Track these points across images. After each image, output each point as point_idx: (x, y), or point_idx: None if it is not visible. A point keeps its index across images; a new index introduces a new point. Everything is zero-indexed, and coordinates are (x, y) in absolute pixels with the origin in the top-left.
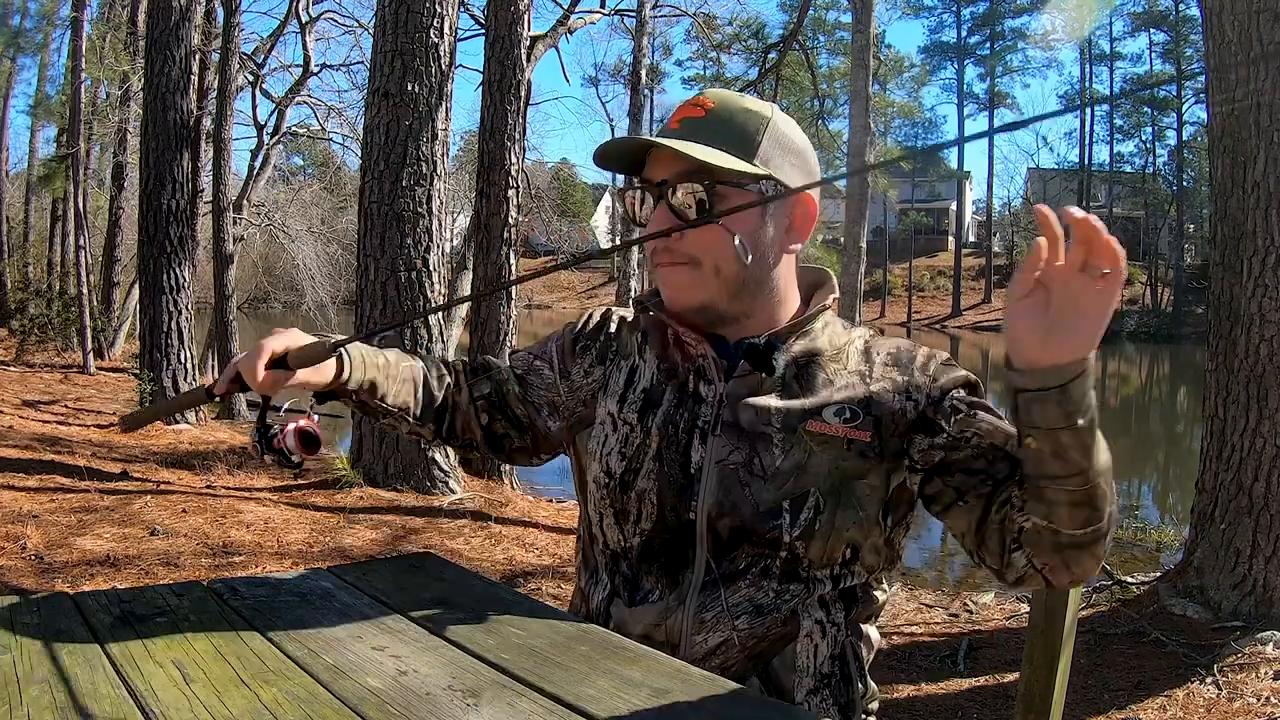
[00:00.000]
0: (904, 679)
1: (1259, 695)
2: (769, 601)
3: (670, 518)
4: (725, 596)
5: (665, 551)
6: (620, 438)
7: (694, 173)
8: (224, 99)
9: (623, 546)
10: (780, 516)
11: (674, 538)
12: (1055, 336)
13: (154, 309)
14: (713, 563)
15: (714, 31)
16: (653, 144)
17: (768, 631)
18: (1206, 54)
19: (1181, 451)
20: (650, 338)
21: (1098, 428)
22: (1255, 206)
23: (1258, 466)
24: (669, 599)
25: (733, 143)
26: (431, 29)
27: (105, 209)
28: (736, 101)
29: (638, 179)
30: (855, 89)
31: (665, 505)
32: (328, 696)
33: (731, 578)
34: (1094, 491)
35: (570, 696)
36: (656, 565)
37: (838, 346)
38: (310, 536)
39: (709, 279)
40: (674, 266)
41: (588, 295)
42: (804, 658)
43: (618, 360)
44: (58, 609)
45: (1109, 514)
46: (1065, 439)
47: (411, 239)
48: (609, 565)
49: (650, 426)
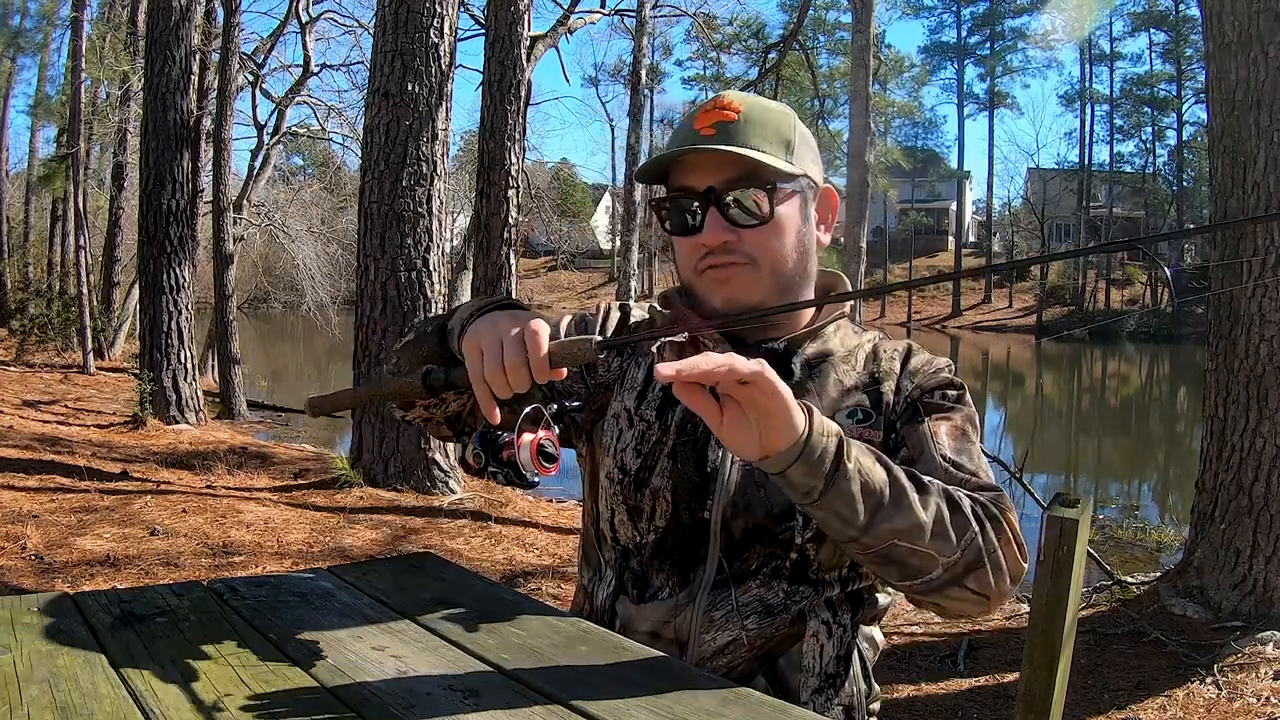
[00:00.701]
0: (904, 679)
1: (1259, 695)
2: (779, 602)
3: (685, 516)
4: (735, 596)
5: (678, 549)
6: (636, 434)
7: (745, 176)
8: (224, 99)
9: (636, 543)
10: (794, 518)
11: (687, 536)
12: (762, 434)
13: (154, 309)
14: (725, 562)
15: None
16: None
17: (776, 631)
18: (1206, 54)
19: (1181, 451)
20: None
21: (867, 496)
22: (1255, 207)
23: (1258, 466)
24: (679, 596)
25: (774, 143)
26: (431, 29)
27: (105, 209)
28: (761, 102)
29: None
30: (855, 89)
31: (680, 503)
32: (328, 696)
33: (742, 577)
34: (891, 553)
35: (570, 696)
36: (668, 563)
37: (849, 349)
38: (310, 536)
39: (765, 279)
40: (732, 267)
41: (587, 295)
42: (810, 658)
43: (635, 357)
44: (58, 609)
45: (936, 573)
46: (815, 513)
47: (411, 239)
48: (618, 562)
49: (669, 424)
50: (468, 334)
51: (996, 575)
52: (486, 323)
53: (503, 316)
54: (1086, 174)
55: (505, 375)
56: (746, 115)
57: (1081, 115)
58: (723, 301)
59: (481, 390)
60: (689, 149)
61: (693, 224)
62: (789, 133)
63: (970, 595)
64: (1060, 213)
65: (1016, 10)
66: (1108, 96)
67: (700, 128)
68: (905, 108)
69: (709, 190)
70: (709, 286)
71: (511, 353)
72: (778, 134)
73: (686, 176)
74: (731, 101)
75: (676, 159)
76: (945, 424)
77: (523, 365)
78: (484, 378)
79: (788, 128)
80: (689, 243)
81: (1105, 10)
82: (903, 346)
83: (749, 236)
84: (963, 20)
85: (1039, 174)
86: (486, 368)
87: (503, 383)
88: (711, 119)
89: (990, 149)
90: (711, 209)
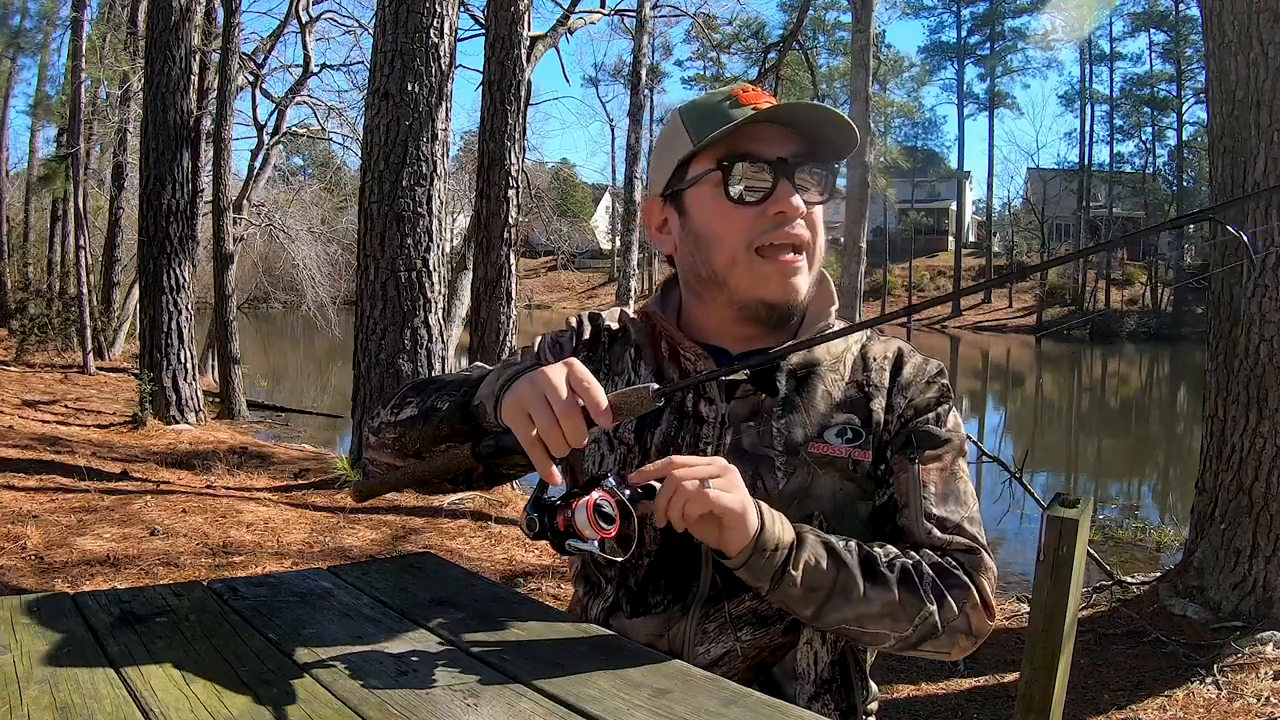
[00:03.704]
0: (904, 679)
1: (1259, 695)
2: (772, 613)
3: (675, 540)
4: (729, 609)
5: (672, 570)
6: (618, 459)
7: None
8: (224, 99)
9: (631, 564)
10: None
11: (680, 557)
12: (721, 534)
13: (154, 309)
14: (719, 578)
15: (714, 31)
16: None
17: (770, 641)
18: (1206, 54)
19: (1181, 451)
20: (644, 353)
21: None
22: (1255, 207)
23: (1258, 466)
24: (673, 610)
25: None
26: (431, 29)
27: (105, 209)
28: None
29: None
30: (855, 89)
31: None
32: (328, 696)
33: (736, 590)
34: (841, 632)
35: (570, 696)
36: (664, 581)
37: (835, 355)
38: (310, 536)
39: (812, 267)
40: (796, 256)
41: (587, 295)
42: (804, 664)
43: (611, 376)
44: (58, 609)
45: (890, 644)
46: (770, 598)
47: (411, 239)
48: (616, 579)
49: (649, 447)
50: (506, 400)
51: (954, 640)
52: (524, 383)
53: (536, 375)
54: (1086, 174)
55: (561, 431)
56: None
57: (1081, 115)
58: (778, 296)
59: (537, 452)
60: (797, 103)
61: (761, 194)
62: None
63: (929, 654)
64: (1060, 213)
65: (1016, 10)
66: (1108, 96)
67: (752, 103)
68: (905, 108)
69: (779, 160)
70: (762, 277)
71: (564, 407)
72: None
73: (750, 144)
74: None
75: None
76: (935, 466)
77: (577, 416)
78: (537, 439)
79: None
80: (749, 214)
81: (1105, 10)
82: (892, 352)
83: (810, 217)
84: (963, 20)
85: (1039, 174)
86: (540, 427)
87: (560, 439)
88: (759, 97)
89: (990, 149)
90: (783, 180)
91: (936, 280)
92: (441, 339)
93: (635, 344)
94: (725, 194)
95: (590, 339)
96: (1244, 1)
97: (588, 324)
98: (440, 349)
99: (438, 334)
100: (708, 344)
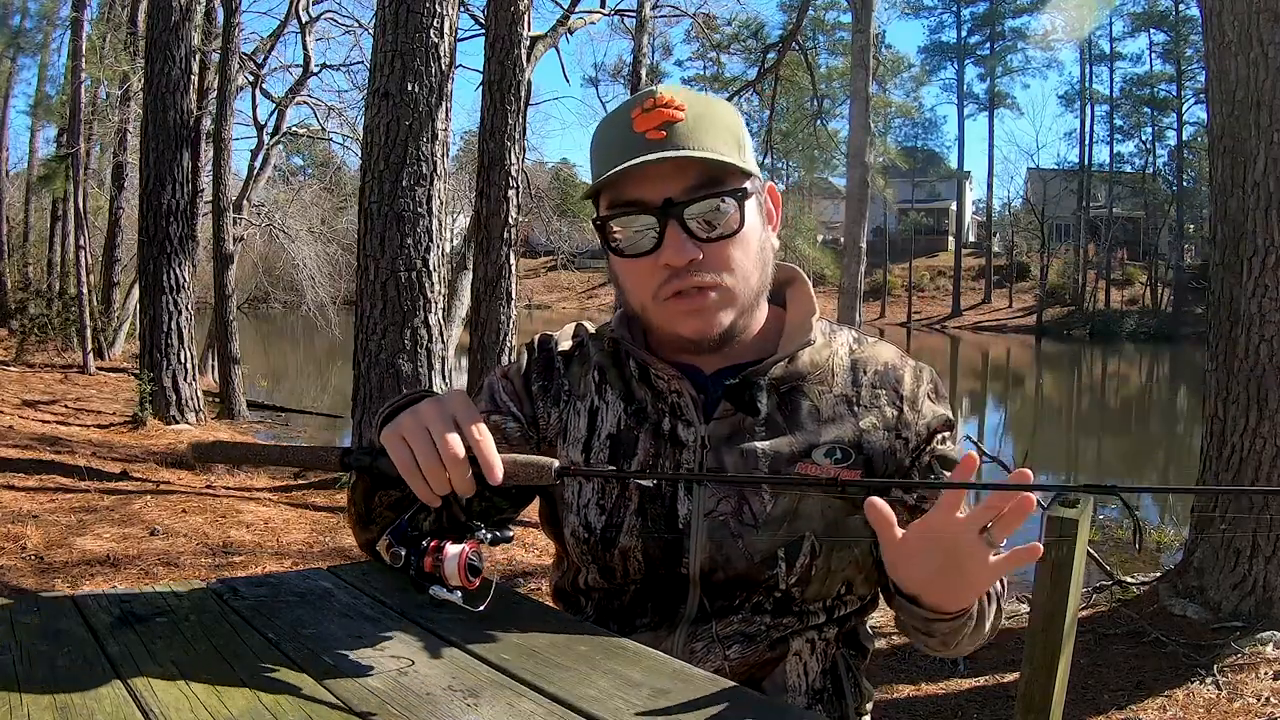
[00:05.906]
0: (904, 679)
1: (1259, 695)
2: (760, 631)
3: (661, 571)
4: (716, 629)
5: (658, 596)
6: (596, 489)
7: (706, 183)
8: (224, 99)
9: (615, 590)
10: (776, 565)
11: (666, 585)
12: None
13: (154, 309)
14: (706, 602)
15: (714, 31)
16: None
17: (759, 657)
18: (1206, 54)
19: (1181, 451)
20: (608, 374)
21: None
22: (1255, 206)
23: (1258, 466)
24: (659, 630)
25: (729, 141)
26: (431, 29)
27: (105, 209)
28: (701, 96)
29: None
30: (855, 89)
31: (654, 562)
32: (327, 696)
33: (724, 612)
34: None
35: (570, 696)
36: (650, 604)
37: (820, 364)
38: (310, 536)
39: (732, 300)
40: (702, 294)
41: (587, 296)
42: (794, 677)
43: (573, 401)
44: (58, 609)
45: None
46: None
47: (411, 239)
48: (600, 603)
49: None
50: (387, 427)
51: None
52: (407, 414)
53: (425, 405)
54: (1086, 174)
55: (445, 472)
56: (694, 112)
57: (1081, 115)
58: (693, 333)
59: (418, 481)
60: (646, 159)
61: (650, 244)
62: (738, 127)
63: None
64: (1060, 213)
65: (1016, 10)
66: (1108, 96)
67: (644, 130)
68: (905, 108)
69: (667, 203)
70: (673, 317)
71: (450, 448)
72: (730, 130)
73: (635, 189)
74: (674, 98)
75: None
76: None
77: (465, 467)
78: (418, 470)
79: (736, 122)
80: (645, 265)
81: (1105, 10)
82: (882, 365)
83: (715, 252)
84: (963, 20)
85: (1039, 174)
86: (421, 460)
87: (443, 480)
88: (656, 119)
89: (990, 149)
90: (671, 224)
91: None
92: (442, 339)
93: (598, 365)
94: (611, 250)
95: (542, 367)
96: (1244, 1)
97: (538, 350)
98: (440, 349)
99: (438, 334)
100: (680, 363)
